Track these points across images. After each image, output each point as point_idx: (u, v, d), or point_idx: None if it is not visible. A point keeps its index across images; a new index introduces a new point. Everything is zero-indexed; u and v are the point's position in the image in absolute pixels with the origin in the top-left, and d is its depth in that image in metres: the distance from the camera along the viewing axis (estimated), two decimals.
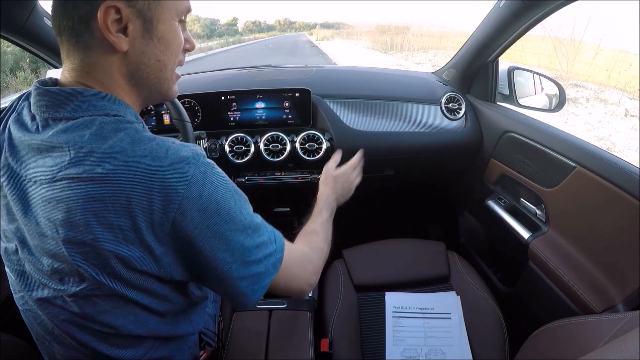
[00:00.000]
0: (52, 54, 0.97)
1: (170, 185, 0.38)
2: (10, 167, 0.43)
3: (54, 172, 0.39)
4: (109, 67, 0.43)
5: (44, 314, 0.45)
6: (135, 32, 0.42)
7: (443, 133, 1.15)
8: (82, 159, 0.38)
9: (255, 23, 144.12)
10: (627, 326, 0.47)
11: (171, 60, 0.47)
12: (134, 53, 0.44)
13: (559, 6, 0.80)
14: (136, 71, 0.45)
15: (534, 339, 0.63)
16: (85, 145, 0.38)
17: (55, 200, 0.38)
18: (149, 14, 0.43)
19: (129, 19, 0.41)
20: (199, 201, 0.40)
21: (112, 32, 0.41)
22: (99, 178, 0.37)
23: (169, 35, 0.45)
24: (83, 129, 0.40)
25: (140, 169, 0.38)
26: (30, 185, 0.41)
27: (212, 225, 0.41)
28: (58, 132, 0.40)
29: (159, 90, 0.49)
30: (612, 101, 5.67)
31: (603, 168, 0.73)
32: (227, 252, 0.42)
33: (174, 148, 0.40)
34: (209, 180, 0.41)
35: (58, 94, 0.42)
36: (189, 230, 0.40)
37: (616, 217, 0.71)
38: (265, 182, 1.12)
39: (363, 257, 1.02)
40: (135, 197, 0.37)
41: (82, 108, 0.41)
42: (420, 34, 17.56)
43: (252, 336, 0.78)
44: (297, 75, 1.24)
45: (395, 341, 0.83)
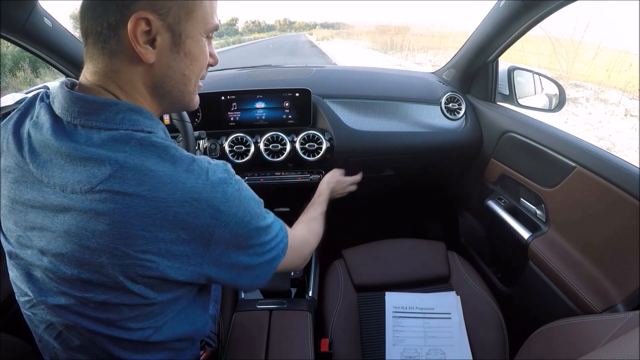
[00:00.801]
0: (52, 54, 0.97)
1: (214, 204, 0.42)
2: (31, 172, 0.42)
3: (92, 184, 0.39)
4: (133, 76, 0.44)
5: (57, 319, 0.45)
6: (163, 45, 0.43)
7: (443, 133, 1.15)
8: (125, 175, 0.39)
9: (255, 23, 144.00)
10: (627, 326, 0.47)
11: (195, 75, 0.49)
12: (159, 65, 0.44)
13: (558, 6, 0.80)
14: (160, 83, 0.46)
15: (534, 338, 0.63)
16: (129, 161, 0.39)
17: (94, 211, 0.38)
18: (178, 29, 0.44)
19: (158, 31, 0.42)
20: (236, 216, 0.44)
21: (140, 44, 0.41)
22: (147, 195, 0.39)
23: (195, 51, 0.47)
24: (122, 144, 0.40)
25: (187, 189, 0.40)
26: (54, 193, 0.41)
27: (245, 234, 0.46)
28: (95, 143, 0.40)
29: (181, 102, 0.51)
30: (612, 101, 5.67)
31: (603, 168, 0.73)
32: (251, 249, 0.47)
33: (212, 169, 0.43)
34: (242, 196, 0.45)
35: (92, 102, 0.42)
36: (226, 240, 0.44)
37: (616, 217, 0.71)
38: (265, 182, 1.13)
39: (363, 257, 1.02)
40: (182, 214, 0.40)
41: (115, 120, 0.42)
42: (420, 34, 17.56)
43: (252, 336, 0.78)
44: (297, 75, 1.24)
45: (395, 341, 0.83)
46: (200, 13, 0.45)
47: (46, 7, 0.89)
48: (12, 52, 7.39)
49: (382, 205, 1.53)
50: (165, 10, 0.42)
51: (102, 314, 0.43)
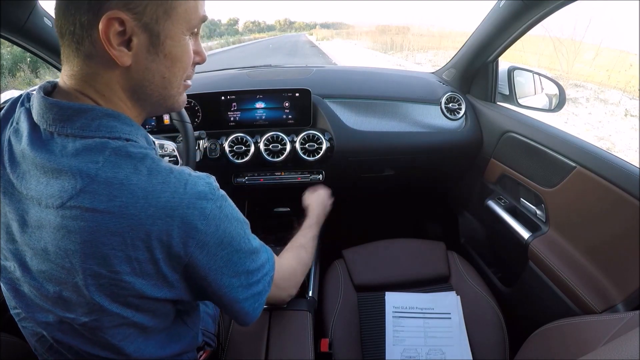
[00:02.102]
0: (53, 54, 0.97)
1: (190, 222, 0.39)
2: (11, 183, 0.40)
3: (63, 199, 0.36)
4: (110, 80, 0.41)
5: (46, 333, 0.44)
6: (139, 46, 0.40)
7: (443, 133, 1.15)
8: (96, 189, 0.36)
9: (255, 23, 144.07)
10: (627, 326, 0.47)
11: (177, 77, 0.45)
12: (137, 68, 0.41)
13: (559, 6, 0.80)
14: (139, 87, 0.43)
15: (534, 338, 0.63)
16: (100, 174, 0.37)
17: (66, 229, 0.36)
18: (156, 28, 0.40)
19: (133, 32, 0.38)
20: (215, 235, 0.41)
21: (113, 46, 0.38)
22: (117, 212, 0.36)
23: (177, 52, 0.43)
24: (95, 153, 0.38)
25: (160, 205, 0.37)
26: (33, 206, 0.38)
27: (225, 256, 0.43)
28: (68, 154, 0.37)
29: (163, 105, 0.47)
30: (612, 101, 5.67)
31: (603, 168, 0.73)
32: (234, 277, 0.44)
33: (191, 182, 0.40)
34: (224, 214, 0.42)
35: (67, 108, 0.39)
36: (204, 261, 0.41)
37: (616, 217, 0.71)
38: (265, 182, 1.12)
39: (363, 257, 1.02)
40: (155, 232, 0.37)
41: (91, 127, 0.39)
42: (420, 34, 17.57)
43: (252, 336, 0.78)
44: (297, 75, 1.24)
45: (395, 341, 0.83)
46: (181, 10, 0.41)
47: (46, 7, 0.89)
48: (12, 52, 7.39)
49: (382, 205, 1.53)
50: (140, 9, 0.38)
51: (88, 334, 0.41)
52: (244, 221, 0.47)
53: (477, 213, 1.23)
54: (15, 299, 0.44)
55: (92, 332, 0.41)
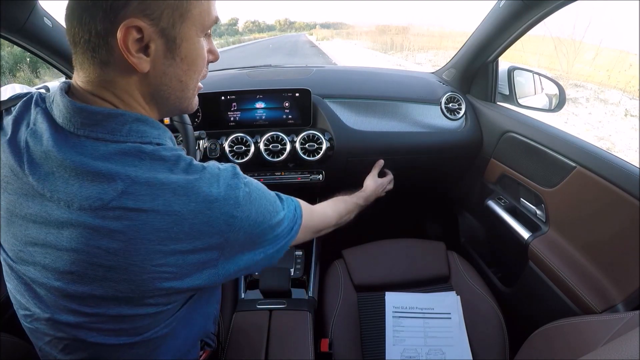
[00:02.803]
0: (53, 54, 0.97)
1: (227, 211, 0.42)
2: (31, 185, 0.39)
3: (104, 200, 0.37)
4: (129, 86, 0.42)
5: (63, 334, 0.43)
6: (157, 52, 0.40)
7: (443, 133, 1.15)
8: (139, 190, 0.37)
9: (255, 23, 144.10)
10: (627, 326, 0.47)
11: (193, 79, 0.46)
12: (155, 73, 0.42)
13: (559, 6, 0.80)
14: (157, 91, 0.44)
15: (534, 338, 0.63)
16: (140, 175, 0.38)
17: (107, 229, 0.37)
18: (172, 33, 0.40)
19: (151, 38, 0.39)
20: (249, 219, 0.44)
21: (132, 53, 0.38)
22: (162, 209, 0.38)
23: (192, 54, 0.44)
24: (132, 157, 0.39)
25: (200, 199, 0.40)
26: (59, 208, 0.38)
27: (259, 233, 0.46)
28: (102, 157, 0.38)
29: (179, 107, 0.49)
30: (612, 101, 5.67)
31: (603, 168, 0.73)
32: (266, 243, 0.48)
33: (223, 175, 0.43)
34: (253, 197, 0.45)
35: (96, 113, 0.40)
36: (241, 242, 0.44)
37: (616, 217, 0.71)
38: (265, 182, 1.12)
39: (363, 257, 1.02)
40: (197, 225, 0.39)
41: (122, 132, 0.40)
42: (420, 34, 17.58)
43: (252, 336, 0.78)
44: (297, 75, 1.24)
45: (395, 341, 0.83)
46: (196, 12, 0.42)
47: (46, 7, 0.89)
48: (12, 53, 7.39)
49: (382, 205, 1.53)
50: (157, 15, 0.38)
51: (114, 325, 0.42)
52: (270, 195, 0.50)
53: (477, 213, 1.23)
54: (30, 300, 0.43)
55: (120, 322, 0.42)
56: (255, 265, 0.48)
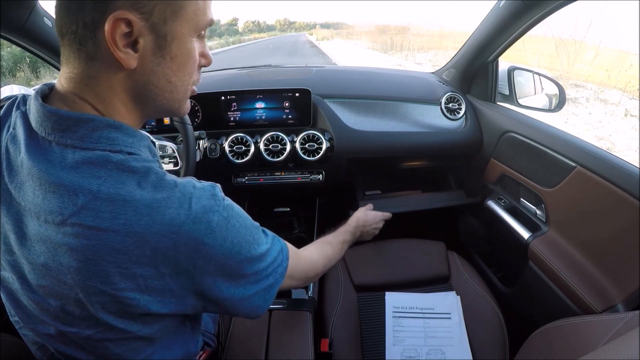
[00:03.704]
0: (53, 54, 0.97)
1: (196, 237, 0.38)
2: (10, 193, 0.38)
3: (64, 215, 0.35)
4: (113, 83, 0.39)
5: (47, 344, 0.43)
6: (146, 48, 0.38)
7: (443, 133, 1.15)
8: (99, 207, 0.35)
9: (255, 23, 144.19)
10: (627, 326, 0.47)
11: (183, 81, 0.43)
12: (142, 71, 0.39)
13: (559, 6, 0.80)
14: (143, 90, 0.41)
15: (534, 338, 0.63)
16: (102, 190, 0.35)
17: (67, 246, 0.35)
18: (163, 30, 0.38)
19: (140, 33, 0.37)
20: (223, 247, 0.40)
21: (120, 48, 0.36)
22: (121, 230, 0.35)
23: (183, 54, 0.41)
24: (97, 167, 0.36)
25: (166, 222, 0.36)
26: (31, 219, 0.37)
27: (234, 265, 0.42)
28: (68, 165, 0.36)
29: (168, 110, 0.46)
30: (612, 101, 5.67)
31: (603, 168, 0.73)
32: (243, 279, 0.44)
33: (196, 196, 0.39)
34: (231, 224, 0.41)
35: (66, 118, 0.37)
36: (212, 273, 0.40)
37: (616, 217, 0.71)
38: (265, 182, 1.12)
39: (363, 257, 1.02)
40: (161, 249, 0.36)
41: (92, 138, 0.38)
42: (420, 34, 17.58)
43: (252, 336, 0.78)
44: (297, 75, 1.24)
45: (395, 341, 0.83)
46: (190, 10, 0.40)
47: (46, 7, 0.89)
48: (12, 53, 7.40)
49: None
50: (149, 9, 0.36)
51: (91, 347, 0.40)
52: (252, 226, 0.46)
53: (477, 213, 1.23)
54: (14, 310, 0.43)
55: (96, 345, 0.40)
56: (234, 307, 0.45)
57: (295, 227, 1.25)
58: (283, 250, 0.51)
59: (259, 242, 0.46)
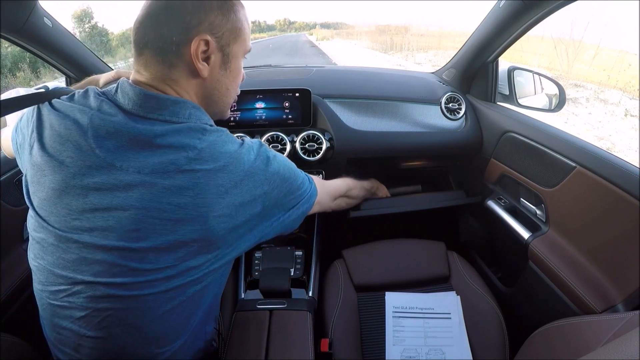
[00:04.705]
0: (52, 54, 0.97)
1: (264, 167, 0.52)
2: (97, 156, 0.46)
3: (177, 165, 0.45)
4: (189, 86, 0.52)
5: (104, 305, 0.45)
6: (215, 63, 0.52)
7: (443, 133, 1.15)
8: (204, 156, 0.47)
9: (255, 23, 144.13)
10: (627, 326, 0.47)
11: (235, 89, 0.58)
12: (211, 80, 0.53)
13: (558, 6, 0.80)
14: (209, 94, 0.55)
15: (534, 339, 0.63)
16: (204, 145, 0.48)
17: (178, 187, 0.45)
18: (227, 50, 0.53)
19: (213, 51, 0.51)
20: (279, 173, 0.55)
21: (199, 61, 0.49)
22: (221, 168, 0.47)
23: (237, 69, 0.56)
24: (195, 132, 0.48)
25: (247, 166, 0.50)
26: (128, 174, 0.45)
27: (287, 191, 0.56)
28: (171, 132, 0.47)
29: (221, 112, 0.60)
30: (612, 101, 5.67)
31: (603, 168, 0.73)
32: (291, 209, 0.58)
33: (255, 147, 0.54)
34: (278, 159, 0.56)
35: (165, 99, 0.49)
36: (275, 199, 0.54)
37: (616, 217, 0.71)
38: None
39: (363, 257, 1.02)
40: (244, 184, 0.49)
41: (184, 115, 0.50)
42: (420, 34, 17.57)
43: (252, 336, 0.78)
44: (297, 75, 1.24)
45: (395, 341, 0.83)
46: (243, 37, 0.54)
47: (46, 7, 0.89)
48: (12, 53, 7.39)
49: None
50: (220, 34, 0.50)
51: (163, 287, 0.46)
52: (289, 163, 0.60)
53: (477, 213, 1.23)
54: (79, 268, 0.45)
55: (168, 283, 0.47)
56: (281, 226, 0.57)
57: None
58: (311, 181, 0.65)
59: (297, 175, 0.60)
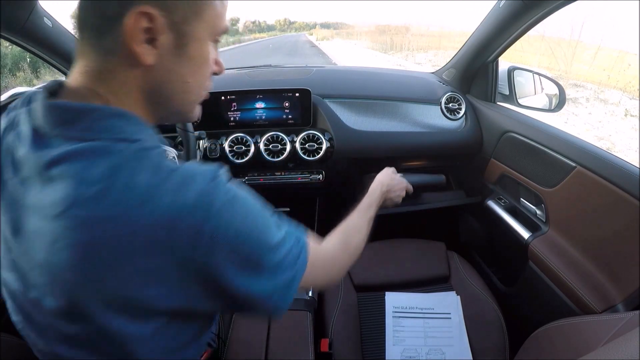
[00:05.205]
0: (52, 54, 0.97)
1: (196, 223, 0.34)
2: (14, 190, 0.38)
3: (63, 207, 0.33)
4: (128, 79, 0.39)
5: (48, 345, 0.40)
6: (165, 46, 0.38)
7: (443, 133, 1.15)
8: (98, 196, 0.33)
9: (255, 23, 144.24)
10: (627, 326, 0.47)
11: (198, 83, 0.43)
12: (159, 69, 0.39)
13: (559, 6, 0.80)
14: (158, 89, 0.40)
15: (534, 339, 0.63)
16: (102, 180, 0.33)
17: (66, 240, 0.33)
18: (184, 28, 0.38)
19: (161, 30, 0.37)
20: (227, 234, 0.36)
21: (138, 42, 0.36)
22: (120, 219, 0.33)
23: (200, 56, 0.41)
24: (97, 157, 0.34)
25: (163, 208, 0.34)
26: (33, 215, 0.35)
27: (243, 255, 0.38)
28: (67, 158, 0.34)
29: (180, 113, 0.45)
30: (612, 101, 5.68)
31: (603, 168, 0.73)
32: (256, 274, 0.39)
33: (197, 179, 0.36)
34: (235, 209, 0.37)
35: (70, 109, 0.36)
36: (220, 263, 0.36)
37: (616, 217, 0.71)
38: (265, 182, 1.12)
39: (363, 257, 1.01)
40: (161, 238, 0.34)
41: (95, 129, 0.36)
42: (420, 34, 17.59)
43: (252, 336, 0.78)
44: (297, 75, 1.24)
45: (395, 341, 0.83)
46: (210, 13, 0.40)
47: (46, 7, 0.89)
48: (12, 53, 7.39)
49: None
50: (172, 6, 0.37)
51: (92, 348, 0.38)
52: (262, 210, 0.42)
53: (477, 213, 1.23)
54: (16, 310, 0.41)
55: (99, 343, 0.37)
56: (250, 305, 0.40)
57: None
58: (300, 241, 0.45)
59: (270, 228, 0.41)
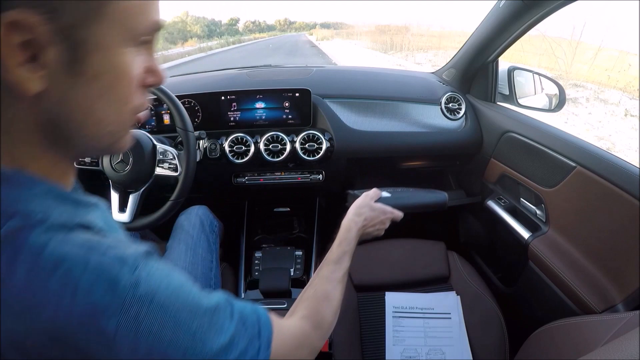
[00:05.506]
0: None
1: (83, 348, 0.26)
2: None
3: None
4: (14, 116, 0.27)
5: None
6: (53, 63, 0.26)
7: (443, 133, 1.15)
8: None
9: (255, 23, 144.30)
10: (627, 326, 0.47)
11: (112, 109, 0.30)
12: (52, 96, 0.27)
13: (559, 6, 0.80)
14: (56, 123, 0.29)
15: (534, 338, 0.63)
16: None
17: None
18: (79, 35, 0.26)
19: (45, 41, 0.25)
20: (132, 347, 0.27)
21: (13, 65, 0.25)
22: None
23: (110, 71, 0.29)
24: None
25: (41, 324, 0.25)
26: None
27: None
28: None
29: (97, 148, 0.33)
30: (612, 101, 5.68)
31: (603, 168, 0.73)
32: None
33: (88, 281, 0.26)
34: (143, 329, 0.27)
35: None
36: None
37: (616, 217, 0.71)
38: (265, 182, 1.12)
39: (363, 257, 1.02)
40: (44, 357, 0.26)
41: None
42: (420, 34, 17.60)
43: None
44: (297, 75, 1.24)
45: (395, 341, 0.83)
46: (119, 8, 0.27)
47: None
48: None
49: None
50: (58, 7, 0.25)
51: None
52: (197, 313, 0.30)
53: (477, 213, 1.23)
54: None
55: None
56: None
57: (295, 227, 1.25)
58: (262, 334, 0.34)
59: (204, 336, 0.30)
